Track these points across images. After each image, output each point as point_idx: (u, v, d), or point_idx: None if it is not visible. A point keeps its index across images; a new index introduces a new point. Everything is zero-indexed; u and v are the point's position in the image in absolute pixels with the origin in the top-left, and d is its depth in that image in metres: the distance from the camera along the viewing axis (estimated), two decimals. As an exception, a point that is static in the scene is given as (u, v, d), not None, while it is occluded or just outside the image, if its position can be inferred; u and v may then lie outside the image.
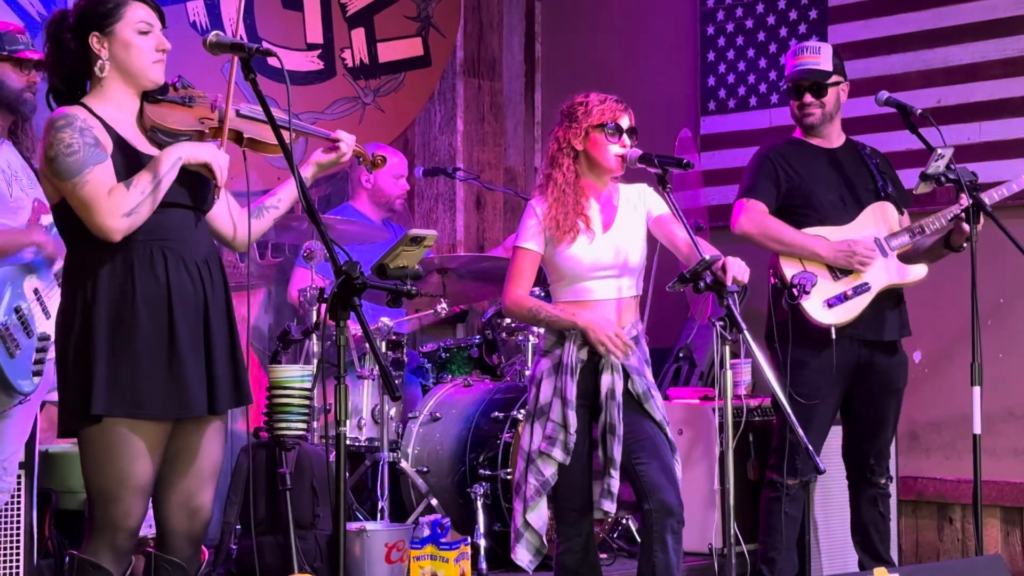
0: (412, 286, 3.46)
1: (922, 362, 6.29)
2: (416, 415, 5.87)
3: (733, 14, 7.02)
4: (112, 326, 3.51)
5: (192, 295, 3.60)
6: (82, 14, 3.62)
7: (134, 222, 3.49)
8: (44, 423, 5.49)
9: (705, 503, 5.74)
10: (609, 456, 4.33)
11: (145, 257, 3.54)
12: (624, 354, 4.29)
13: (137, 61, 3.62)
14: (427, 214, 7.41)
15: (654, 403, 4.39)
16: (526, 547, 4.42)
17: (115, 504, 3.56)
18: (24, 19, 5.83)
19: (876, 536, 5.32)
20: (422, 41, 7.33)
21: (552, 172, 4.43)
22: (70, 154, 3.47)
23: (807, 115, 5.28)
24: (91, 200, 3.46)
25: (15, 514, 4.89)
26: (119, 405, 3.50)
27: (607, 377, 4.35)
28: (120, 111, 3.63)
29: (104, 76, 3.61)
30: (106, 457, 3.54)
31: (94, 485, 3.59)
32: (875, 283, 5.17)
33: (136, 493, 3.57)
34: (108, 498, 3.56)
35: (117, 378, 3.50)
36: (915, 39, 6.39)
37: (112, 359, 3.50)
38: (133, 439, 3.53)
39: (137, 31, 3.61)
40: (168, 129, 3.64)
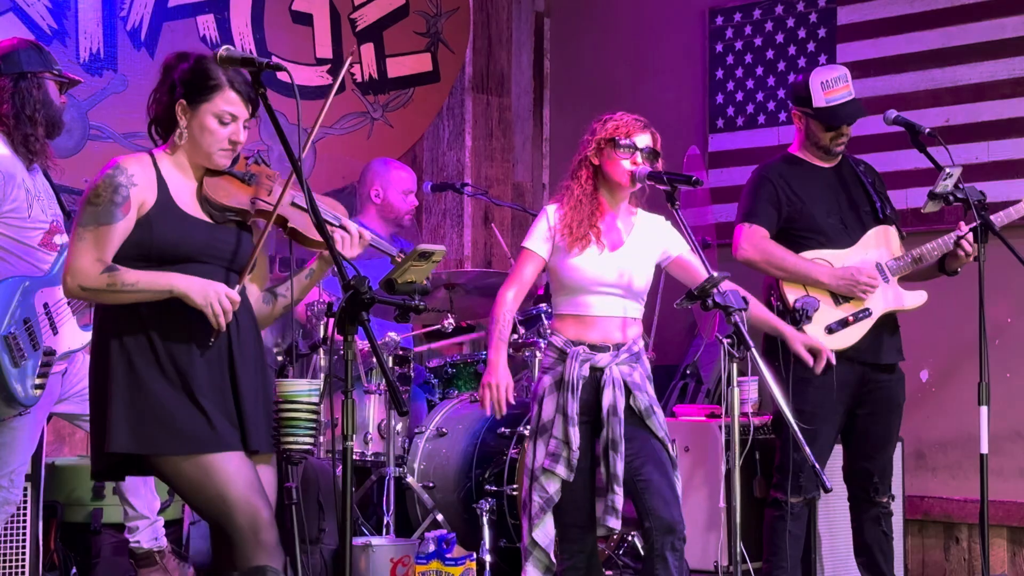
0: (420, 301, 3.46)
1: (929, 381, 6.28)
2: (422, 430, 5.87)
3: (742, 32, 7.03)
4: (130, 365, 3.60)
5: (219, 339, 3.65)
6: (182, 76, 3.68)
7: (88, 297, 3.65)
8: (51, 436, 5.51)
9: (710, 521, 5.73)
10: (612, 472, 4.33)
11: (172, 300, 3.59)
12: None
13: (206, 146, 3.68)
14: (435, 229, 7.42)
15: (656, 419, 4.40)
16: (535, 565, 4.42)
17: (236, 506, 3.58)
18: (35, 32, 5.85)
19: (880, 556, 5.30)
20: (431, 57, 7.35)
21: (571, 183, 4.47)
22: (94, 203, 3.59)
23: (840, 144, 5.25)
24: (74, 254, 3.59)
25: (21, 526, 4.90)
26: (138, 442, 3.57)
27: (608, 393, 4.36)
28: (184, 173, 3.72)
29: (180, 140, 3.69)
30: (196, 477, 3.59)
31: (206, 504, 3.62)
32: (876, 309, 5.17)
33: (247, 487, 3.61)
34: (225, 505, 3.59)
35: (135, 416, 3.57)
36: (924, 58, 6.40)
37: (130, 398, 3.57)
38: (211, 456, 3.59)
39: (219, 119, 3.66)
40: (216, 203, 3.69)
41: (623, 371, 4.40)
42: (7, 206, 4.53)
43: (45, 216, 4.65)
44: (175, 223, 3.64)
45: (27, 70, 4.61)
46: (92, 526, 5.41)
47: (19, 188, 4.55)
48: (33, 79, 4.62)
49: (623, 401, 4.36)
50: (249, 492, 3.61)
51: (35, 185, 4.63)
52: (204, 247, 3.67)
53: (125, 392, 3.57)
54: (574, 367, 4.38)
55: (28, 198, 4.58)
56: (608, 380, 4.37)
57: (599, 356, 4.41)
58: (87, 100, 6.07)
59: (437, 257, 3.53)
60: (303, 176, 3.46)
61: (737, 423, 4.16)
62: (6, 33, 5.38)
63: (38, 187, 4.65)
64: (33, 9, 5.91)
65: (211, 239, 3.70)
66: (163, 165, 3.69)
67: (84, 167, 6.04)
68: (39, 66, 4.65)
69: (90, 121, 6.09)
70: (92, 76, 6.10)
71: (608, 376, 4.37)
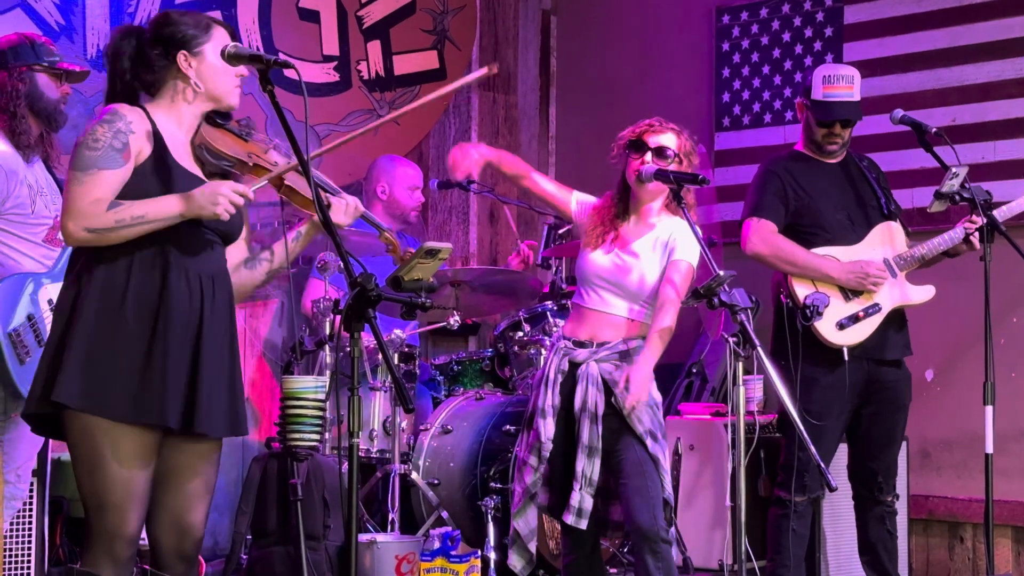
0: (426, 299, 3.47)
1: (934, 381, 6.28)
2: (428, 427, 5.87)
3: (748, 31, 7.03)
4: (96, 318, 3.49)
5: (187, 307, 3.56)
6: (169, 31, 3.63)
7: (92, 239, 3.47)
8: (57, 431, 5.51)
9: (715, 519, 5.74)
10: (577, 470, 4.36)
11: (147, 258, 3.52)
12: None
13: (223, 84, 3.64)
14: (441, 226, 7.42)
15: (635, 416, 4.38)
16: (517, 554, 4.49)
17: (109, 510, 3.50)
18: (42, 27, 5.86)
19: (885, 554, 5.30)
20: (438, 54, 7.35)
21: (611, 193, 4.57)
22: (92, 147, 3.48)
23: (831, 143, 5.25)
24: (74, 197, 3.46)
25: (27, 521, 4.90)
26: (83, 398, 3.46)
27: (581, 389, 4.40)
28: (179, 127, 3.65)
29: (180, 93, 3.63)
30: (95, 462, 3.49)
31: (87, 490, 3.53)
32: (885, 304, 5.17)
33: (129, 498, 3.50)
34: (101, 504, 3.50)
35: (88, 370, 3.46)
36: (930, 58, 6.40)
37: (88, 350, 3.47)
38: (117, 444, 3.48)
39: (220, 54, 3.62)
40: (215, 149, 3.65)
41: (605, 368, 4.41)
42: (10, 203, 4.53)
43: (48, 212, 4.65)
44: (169, 176, 3.56)
45: (12, 64, 4.61)
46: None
47: (21, 184, 4.56)
48: (19, 74, 4.61)
49: (601, 399, 4.38)
50: (130, 500, 3.50)
51: (37, 181, 4.63)
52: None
53: (84, 343, 3.46)
54: (553, 360, 4.49)
55: (31, 194, 4.58)
56: (583, 376, 4.40)
57: (578, 351, 4.46)
58: (94, 96, 6.07)
59: (443, 255, 3.53)
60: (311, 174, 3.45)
61: (743, 422, 4.17)
62: (14, 28, 5.38)
63: (40, 183, 4.65)
64: (41, 5, 5.93)
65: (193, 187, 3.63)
66: (157, 118, 3.61)
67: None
68: (28, 59, 4.64)
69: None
70: (100, 72, 6.08)
71: (584, 371, 4.41)
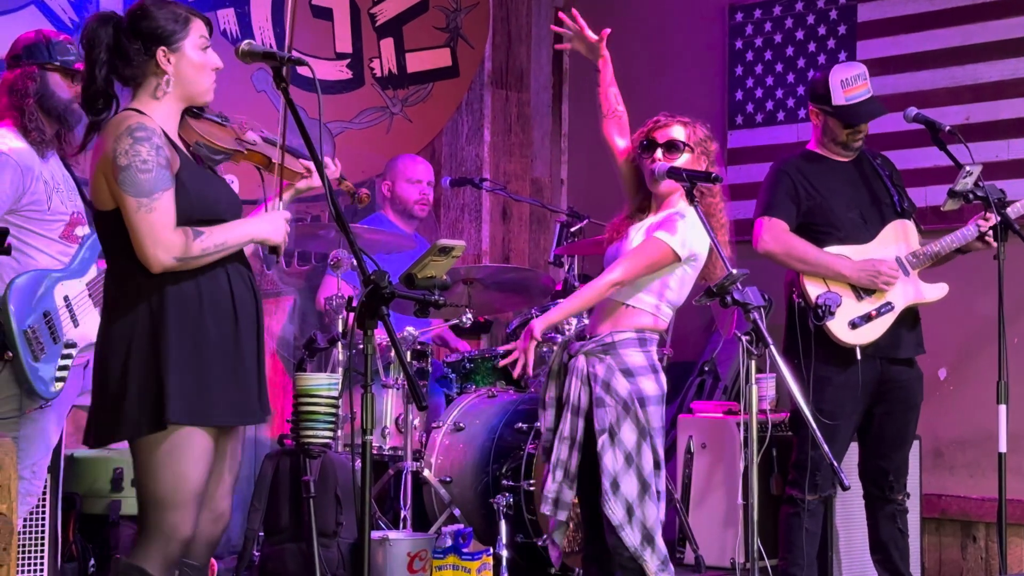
0: (440, 296, 3.47)
1: (947, 379, 6.27)
2: (440, 425, 5.88)
3: (762, 29, 7.02)
4: (181, 334, 3.50)
5: (251, 303, 3.63)
6: (148, 26, 3.58)
7: (178, 267, 3.48)
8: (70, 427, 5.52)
9: (728, 518, 5.74)
10: (557, 459, 4.34)
11: (208, 266, 3.53)
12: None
13: (201, 81, 3.62)
14: (453, 224, 7.43)
15: (597, 413, 4.28)
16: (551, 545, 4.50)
17: (171, 511, 3.52)
18: (56, 25, 5.86)
19: (896, 553, 5.30)
20: (451, 52, 7.35)
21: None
22: (144, 171, 3.45)
23: (857, 141, 5.25)
24: (153, 228, 3.44)
25: (40, 518, 4.91)
26: (190, 413, 3.48)
27: (567, 383, 4.39)
28: (169, 124, 3.62)
29: (160, 89, 3.59)
30: (166, 462, 3.51)
31: (150, 491, 3.54)
32: (898, 303, 5.16)
33: (192, 499, 3.54)
34: (164, 504, 3.52)
35: (186, 386, 3.49)
36: (944, 56, 6.39)
37: (181, 367, 3.48)
38: (195, 444, 3.52)
39: (200, 48, 3.61)
40: (214, 145, 3.67)
41: (590, 361, 4.35)
42: (26, 199, 4.54)
43: (65, 208, 4.66)
44: (203, 180, 3.59)
45: (25, 62, 4.63)
46: (110, 518, 5.42)
47: (37, 180, 4.56)
48: (31, 73, 4.62)
49: (586, 393, 4.34)
50: (194, 501, 3.55)
51: (53, 176, 4.64)
52: (228, 204, 3.63)
53: (174, 360, 3.48)
54: (557, 354, 4.49)
55: (47, 190, 4.59)
56: (572, 369, 4.39)
57: (575, 344, 4.44)
58: (107, 93, 6.09)
59: (457, 252, 3.53)
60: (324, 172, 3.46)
61: (755, 420, 4.16)
62: (28, 25, 5.39)
63: (56, 178, 4.66)
64: (55, 2, 5.93)
65: (228, 194, 3.68)
66: (157, 119, 3.57)
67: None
68: (40, 58, 4.65)
69: (111, 114, 6.10)
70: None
71: (573, 365, 4.39)
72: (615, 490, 4.21)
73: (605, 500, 4.21)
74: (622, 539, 4.21)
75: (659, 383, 4.35)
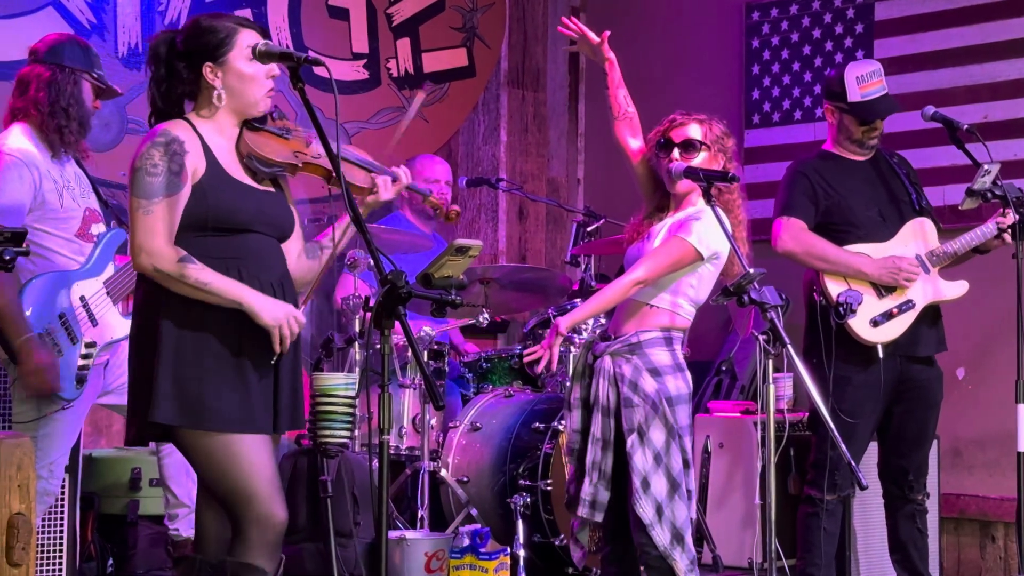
0: (456, 296, 3.47)
1: (966, 379, 6.26)
2: (457, 425, 5.88)
3: (778, 28, 7.01)
4: (179, 341, 3.52)
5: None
6: (194, 43, 3.62)
7: (157, 278, 3.51)
8: (88, 427, 5.54)
9: (745, 517, 5.73)
10: (591, 460, 4.32)
11: (221, 272, 3.54)
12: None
13: (251, 93, 3.63)
14: (470, 224, 7.43)
15: (626, 413, 4.27)
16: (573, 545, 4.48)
17: (258, 500, 3.54)
18: (73, 26, 5.88)
19: (915, 553, 5.28)
20: (467, 52, 7.36)
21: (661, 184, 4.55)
22: (151, 174, 3.51)
23: (873, 138, 5.24)
24: (145, 232, 3.49)
25: (58, 517, 4.93)
26: (184, 415, 3.51)
27: (594, 382, 4.37)
28: (222, 136, 3.65)
29: (215, 102, 3.63)
30: (228, 462, 3.54)
31: (227, 489, 3.57)
32: (919, 300, 5.15)
33: (271, 484, 3.56)
34: (249, 495, 3.54)
35: (183, 389, 3.51)
36: (961, 54, 6.37)
37: (176, 373, 3.51)
38: (242, 440, 3.54)
39: (248, 58, 3.61)
40: (264, 158, 3.65)
41: (616, 362, 4.34)
42: (39, 199, 4.54)
43: (78, 205, 4.65)
44: (228, 190, 3.60)
45: (66, 64, 4.63)
46: (128, 517, 5.44)
47: (46, 179, 4.57)
48: (71, 74, 4.63)
49: (613, 393, 4.33)
50: (272, 489, 3.57)
51: (63, 175, 4.64)
52: (257, 214, 3.63)
53: (171, 363, 3.51)
54: (582, 355, 4.47)
55: (57, 188, 4.59)
56: (599, 370, 4.37)
57: (599, 344, 4.42)
58: (125, 94, 6.07)
59: (474, 252, 3.53)
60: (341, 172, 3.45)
61: (772, 419, 4.15)
62: (46, 27, 5.41)
63: (67, 176, 4.65)
64: (72, 3, 5.95)
65: (261, 205, 3.67)
66: (203, 131, 3.62)
67: (122, 160, 6.04)
68: (80, 64, 4.66)
69: (128, 115, 6.12)
70: (130, 70, 6.13)
71: (599, 366, 4.38)
72: (645, 489, 4.20)
73: (636, 499, 4.20)
74: (652, 538, 4.19)
75: (686, 382, 4.33)
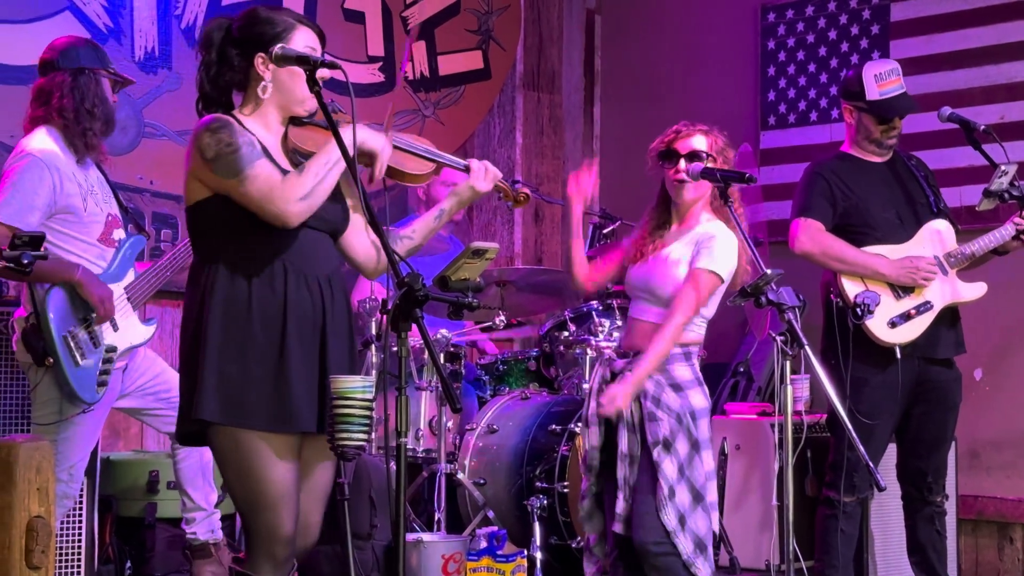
0: (473, 299, 3.47)
1: (983, 380, 6.24)
2: (473, 427, 5.88)
3: (794, 29, 7.00)
4: (224, 334, 3.48)
5: (311, 312, 3.55)
6: (249, 32, 3.58)
7: (311, 205, 3.45)
8: (106, 430, 5.55)
9: (763, 519, 5.72)
10: (619, 476, 4.33)
11: (266, 270, 3.50)
12: None
13: (299, 90, 3.57)
14: (485, 227, 7.43)
15: (650, 427, 4.29)
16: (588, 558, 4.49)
17: (264, 512, 3.51)
18: (90, 30, 5.90)
19: (934, 555, 5.27)
20: (482, 54, 7.36)
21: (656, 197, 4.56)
22: (232, 151, 3.43)
23: (892, 138, 5.23)
24: (265, 190, 3.42)
25: (77, 520, 4.95)
26: (224, 413, 3.47)
27: None
28: (269, 131, 3.61)
29: (262, 94, 3.58)
30: (245, 468, 3.50)
31: (240, 496, 3.54)
32: (937, 301, 5.14)
33: (281, 499, 3.52)
34: (255, 507, 3.52)
35: (225, 386, 3.47)
36: (978, 55, 6.36)
37: (221, 366, 3.46)
38: (264, 448, 3.49)
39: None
40: (307, 152, 3.59)
41: None
42: (62, 201, 4.56)
43: (100, 210, 4.68)
44: None
45: (85, 66, 4.66)
46: (146, 520, 5.45)
47: (70, 181, 4.58)
48: (91, 75, 4.66)
49: (635, 408, 4.33)
50: (283, 500, 3.53)
51: (87, 179, 4.66)
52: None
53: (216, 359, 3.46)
54: (599, 371, 4.48)
55: (81, 192, 4.61)
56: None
57: (618, 361, 4.43)
58: (142, 98, 6.12)
59: (490, 255, 3.53)
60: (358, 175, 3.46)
61: (790, 421, 4.15)
62: (63, 31, 5.43)
63: (91, 181, 4.67)
64: (89, 8, 5.97)
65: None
66: (249, 126, 3.57)
67: (139, 164, 6.09)
68: (96, 63, 4.70)
69: (145, 119, 6.13)
70: (147, 74, 6.15)
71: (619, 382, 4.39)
72: (671, 497, 4.24)
73: (661, 506, 4.22)
74: (676, 545, 4.22)
75: (706, 396, 4.38)
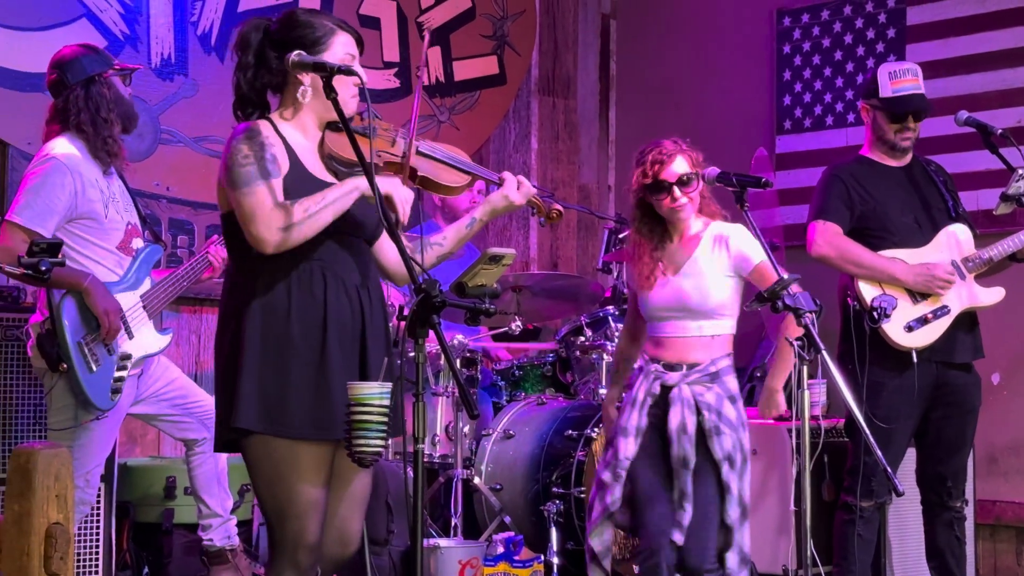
0: (490, 304, 3.46)
1: (1001, 384, 6.22)
2: (490, 432, 5.88)
3: (810, 33, 6.99)
4: (264, 341, 3.46)
5: (350, 319, 3.55)
6: (288, 34, 3.56)
7: (289, 237, 3.42)
8: (123, 436, 5.57)
9: (780, 524, 5.70)
10: (681, 489, 4.35)
11: (305, 276, 3.49)
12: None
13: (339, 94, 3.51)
14: (501, 232, 7.43)
15: (717, 441, 4.37)
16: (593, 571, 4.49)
17: (291, 521, 3.49)
18: (107, 37, 5.91)
19: (952, 560, 5.25)
20: (498, 60, 7.36)
21: (631, 232, 4.59)
22: (244, 164, 3.43)
23: (905, 139, 5.22)
24: (252, 209, 3.41)
25: (94, 526, 4.95)
26: (264, 421, 3.45)
27: (676, 411, 4.39)
28: (305, 136, 3.60)
29: (300, 99, 3.57)
30: (273, 475, 3.49)
31: (269, 503, 3.53)
32: (954, 306, 5.12)
33: (309, 509, 3.50)
34: (283, 516, 3.50)
35: (264, 394, 3.45)
36: (995, 58, 6.34)
37: (261, 374, 3.45)
38: (298, 458, 3.48)
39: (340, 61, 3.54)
40: (343, 159, 3.58)
41: (696, 390, 4.41)
42: (83, 206, 4.57)
43: (121, 218, 4.69)
44: (311, 190, 3.49)
45: (92, 73, 4.67)
46: (164, 526, 5.46)
47: (93, 188, 4.60)
48: (101, 80, 4.67)
49: (693, 420, 4.38)
50: (311, 509, 3.52)
51: (109, 187, 4.68)
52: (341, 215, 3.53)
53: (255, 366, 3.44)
54: (644, 384, 4.47)
55: (103, 199, 4.62)
56: (676, 398, 4.41)
57: (670, 375, 4.44)
58: (158, 104, 6.13)
59: (507, 260, 3.53)
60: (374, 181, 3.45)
61: (807, 426, 4.14)
62: (80, 38, 5.44)
63: (113, 189, 4.69)
64: (106, 15, 5.98)
65: None
66: (283, 129, 3.55)
67: (155, 170, 6.10)
68: (102, 66, 4.71)
69: (161, 125, 6.14)
70: (163, 81, 6.16)
71: (677, 394, 4.41)
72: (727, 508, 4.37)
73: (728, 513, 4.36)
74: (724, 560, 4.33)
75: None
